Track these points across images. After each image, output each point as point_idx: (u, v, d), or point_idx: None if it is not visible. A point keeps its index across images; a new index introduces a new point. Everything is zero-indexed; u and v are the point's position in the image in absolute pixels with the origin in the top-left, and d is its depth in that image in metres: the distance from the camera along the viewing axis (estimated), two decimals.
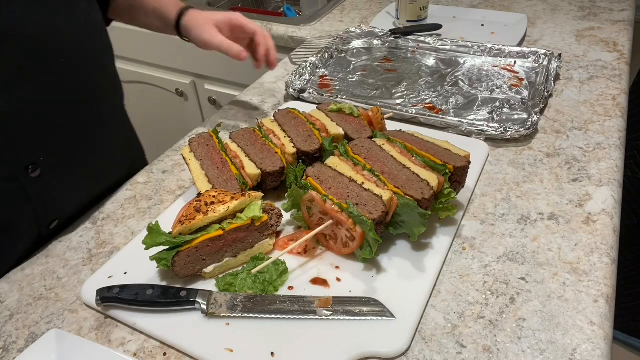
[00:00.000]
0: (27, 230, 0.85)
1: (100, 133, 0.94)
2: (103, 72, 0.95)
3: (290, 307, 0.70)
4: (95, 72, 0.91)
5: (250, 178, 0.87)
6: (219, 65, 1.82)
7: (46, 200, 0.84)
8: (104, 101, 0.95)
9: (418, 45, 1.41)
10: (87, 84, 0.89)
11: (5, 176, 0.78)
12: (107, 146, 0.96)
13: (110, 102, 0.99)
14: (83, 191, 0.92)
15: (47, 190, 0.83)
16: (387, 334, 0.67)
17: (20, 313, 0.76)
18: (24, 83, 0.77)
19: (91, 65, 0.89)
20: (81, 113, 0.88)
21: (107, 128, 0.97)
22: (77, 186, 0.89)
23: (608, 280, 0.73)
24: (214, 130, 0.95)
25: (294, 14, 2.02)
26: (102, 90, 0.94)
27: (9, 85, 0.75)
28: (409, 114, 1.09)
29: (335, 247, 0.79)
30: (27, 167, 0.79)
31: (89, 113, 0.90)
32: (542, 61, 1.25)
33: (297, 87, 1.23)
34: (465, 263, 0.77)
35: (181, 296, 0.71)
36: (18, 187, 0.79)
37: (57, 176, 0.84)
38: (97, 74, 0.92)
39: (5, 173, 0.78)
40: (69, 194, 0.88)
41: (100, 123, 0.94)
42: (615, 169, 0.93)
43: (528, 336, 0.66)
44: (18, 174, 0.79)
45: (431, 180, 0.78)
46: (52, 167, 0.82)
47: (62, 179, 0.85)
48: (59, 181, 0.85)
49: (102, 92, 0.94)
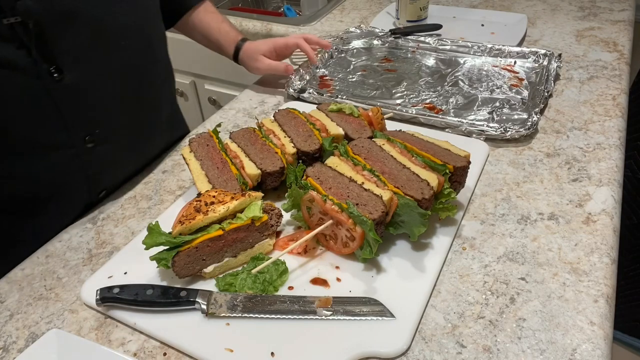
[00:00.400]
0: (80, 196, 0.94)
1: (150, 113, 1.02)
2: (157, 58, 1.03)
3: (290, 307, 0.70)
4: (151, 57, 0.99)
5: (250, 178, 0.87)
6: (219, 65, 1.82)
7: (97, 171, 0.93)
8: (157, 85, 1.04)
9: (418, 45, 1.41)
10: (144, 68, 0.97)
11: (65, 143, 0.86)
12: (154, 126, 1.04)
13: (162, 86, 1.07)
14: (129, 165, 1.00)
15: (99, 161, 0.92)
16: (387, 334, 0.67)
17: (20, 313, 0.76)
18: (89, 60, 0.84)
19: (148, 50, 0.98)
20: (135, 93, 0.96)
21: (157, 110, 1.05)
22: (125, 160, 0.98)
23: (608, 280, 0.73)
24: (214, 130, 0.95)
25: (294, 14, 2.02)
26: (156, 75, 1.03)
27: (76, 61, 0.82)
28: (409, 114, 1.09)
29: (335, 247, 0.79)
30: (85, 137, 0.88)
31: (142, 94, 0.98)
32: (542, 61, 1.25)
33: (297, 87, 1.23)
34: (465, 263, 0.77)
35: (181, 296, 0.71)
36: (74, 154, 0.88)
37: (108, 150, 0.92)
38: (153, 59, 1.00)
39: (66, 140, 0.86)
40: (117, 167, 0.97)
41: (151, 105, 1.02)
42: (615, 169, 0.93)
43: (528, 336, 0.66)
44: (76, 143, 0.87)
45: (431, 180, 0.78)
46: (105, 141, 0.91)
47: (112, 153, 0.93)
48: (110, 154, 0.93)
49: (156, 76, 1.03)
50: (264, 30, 1.65)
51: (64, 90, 0.82)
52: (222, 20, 1.23)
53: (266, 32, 1.64)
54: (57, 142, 0.85)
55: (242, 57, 1.22)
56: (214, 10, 1.24)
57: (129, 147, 0.97)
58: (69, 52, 0.81)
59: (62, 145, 0.86)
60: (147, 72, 0.99)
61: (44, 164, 0.86)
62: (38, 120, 0.82)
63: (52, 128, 0.84)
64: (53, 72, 0.79)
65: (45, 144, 0.84)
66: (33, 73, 0.78)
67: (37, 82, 0.79)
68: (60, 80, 0.80)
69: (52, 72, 0.79)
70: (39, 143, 0.84)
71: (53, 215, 0.91)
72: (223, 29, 1.22)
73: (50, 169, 0.87)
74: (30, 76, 0.78)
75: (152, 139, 1.03)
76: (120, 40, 0.88)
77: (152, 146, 1.05)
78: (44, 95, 0.80)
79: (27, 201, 0.89)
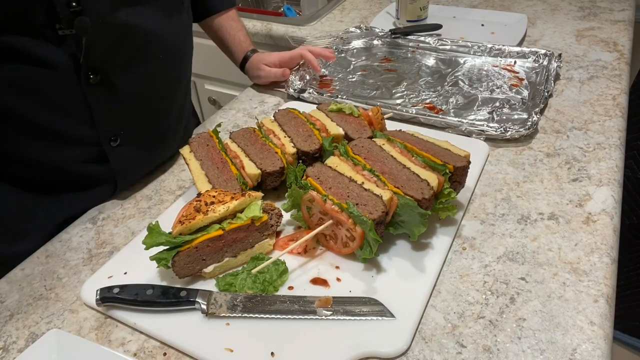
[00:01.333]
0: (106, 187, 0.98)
1: (171, 121, 1.07)
2: (184, 70, 1.10)
3: (290, 307, 0.70)
4: (180, 70, 1.06)
5: (250, 178, 0.87)
6: (219, 65, 1.82)
7: (121, 166, 0.97)
8: (180, 94, 1.10)
9: (418, 45, 1.41)
10: (173, 78, 1.04)
11: (93, 142, 0.91)
12: (173, 130, 1.09)
13: (184, 95, 1.13)
14: (149, 162, 1.04)
15: (122, 158, 0.96)
16: (387, 334, 0.67)
17: (20, 313, 0.76)
18: (128, 69, 0.90)
19: (179, 63, 1.04)
20: (161, 101, 1.02)
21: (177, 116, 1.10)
22: (145, 158, 1.02)
23: (608, 280, 0.73)
24: (214, 130, 0.95)
25: (294, 14, 2.02)
26: (181, 85, 1.09)
27: (117, 69, 0.88)
28: (409, 114, 1.09)
29: (335, 247, 0.79)
30: (110, 137, 0.93)
31: (167, 103, 1.04)
32: (542, 61, 1.25)
33: (297, 87, 1.23)
34: (465, 263, 0.77)
35: (181, 296, 0.71)
36: (100, 151, 0.93)
37: (131, 149, 0.97)
38: (181, 71, 1.07)
39: (95, 139, 0.91)
40: (138, 163, 1.01)
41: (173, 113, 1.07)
42: (615, 169, 0.93)
43: (528, 336, 0.66)
44: (102, 142, 0.92)
45: (431, 180, 0.78)
46: (128, 141, 0.95)
47: (134, 152, 0.98)
48: (132, 153, 0.97)
49: (181, 86, 1.09)
50: (264, 30, 1.65)
51: (98, 92, 0.87)
52: (239, 30, 1.29)
53: (266, 32, 1.64)
54: (84, 137, 0.90)
55: (247, 67, 1.28)
56: (236, 18, 1.30)
57: (148, 150, 1.01)
58: (114, 62, 0.87)
59: (88, 141, 0.91)
60: (175, 84, 1.05)
61: (69, 155, 0.91)
62: (69, 116, 0.86)
63: (81, 125, 0.89)
64: (90, 76, 0.84)
65: (73, 138, 0.89)
66: (73, 76, 0.83)
67: (75, 84, 0.83)
68: (96, 84, 0.85)
69: (90, 76, 0.84)
70: (67, 136, 0.89)
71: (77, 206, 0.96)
72: (237, 37, 1.28)
73: (75, 161, 0.92)
74: (69, 78, 0.82)
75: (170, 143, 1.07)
76: (159, 53, 0.95)
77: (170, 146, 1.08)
78: (78, 95, 0.85)
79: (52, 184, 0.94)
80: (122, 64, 0.88)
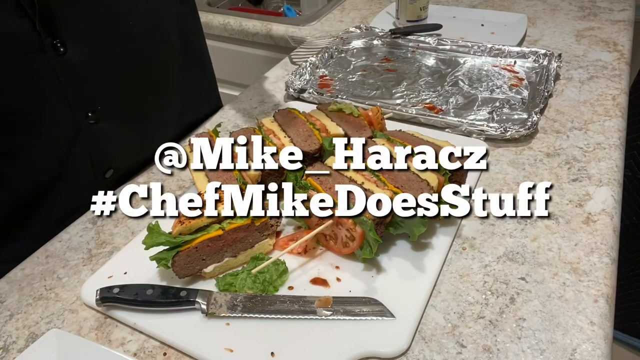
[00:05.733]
0: (84, 176, 0.93)
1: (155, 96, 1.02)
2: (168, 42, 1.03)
3: (290, 307, 0.70)
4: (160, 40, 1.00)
5: (250, 178, 0.87)
6: (218, 66, 1.82)
7: (99, 147, 0.93)
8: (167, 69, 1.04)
9: (418, 45, 1.41)
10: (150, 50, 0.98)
11: (67, 118, 0.87)
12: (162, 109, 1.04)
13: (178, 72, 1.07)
14: (134, 147, 1.00)
15: (100, 138, 0.92)
16: (387, 334, 0.67)
17: (20, 313, 0.76)
18: (94, 37, 0.85)
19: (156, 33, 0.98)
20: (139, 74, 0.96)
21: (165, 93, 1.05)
22: (129, 141, 0.98)
23: (608, 280, 0.73)
24: (214, 130, 0.95)
25: (294, 14, 2.02)
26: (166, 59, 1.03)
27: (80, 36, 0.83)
28: (409, 114, 1.09)
29: (335, 247, 0.79)
30: (87, 113, 0.89)
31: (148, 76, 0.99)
32: (542, 61, 1.25)
33: (297, 87, 1.23)
34: (465, 263, 0.77)
35: (181, 296, 0.71)
36: (76, 130, 0.88)
37: (110, 127, 0.92)
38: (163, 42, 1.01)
39: (68, 115, 0.87)
40: (120, 146, 0.97)
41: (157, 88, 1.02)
42: (615, 169, 0.93)
43: (528, 336, 0.66)
44: (78, 118, 0.88)
45: (431, 180, 0.78)
46: (107, 118, 0.91)
47: (114, 130, 0.94)
48: (111, 132, 0.93)
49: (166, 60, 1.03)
50: (264, 30, 1.65)
51: (67, 64, 0.83)
52: None
53: (266, 32, 1.64)
54: (58, 116, 0.86)
55: None
56: None
57: (133, 129, 0.98)
58: (74, 27, 0.82)
59: (63, 120, 0.87)
60: (154, 54, 0.99)
61: (46, 140, 0.86)
62: (40, 94, 0.82)
63: (54, 102, 0.84)
64: (58, 46, 0.80)
65: (47, 118, 0.85)
66: (36, 46, 0.78)
67: (40, 55, 0.79)
68: (63, 54, 0.81)
69: (57, 46, 0.80)
70: (41, 117, 0.84)
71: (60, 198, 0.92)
72: None
73: (52, 145, 0.87)
74: (33, 49, 0.78)
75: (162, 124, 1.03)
76: (127, 20, 0.90)
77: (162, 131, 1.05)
78: (47, 69, 0.81)
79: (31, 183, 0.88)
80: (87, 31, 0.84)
